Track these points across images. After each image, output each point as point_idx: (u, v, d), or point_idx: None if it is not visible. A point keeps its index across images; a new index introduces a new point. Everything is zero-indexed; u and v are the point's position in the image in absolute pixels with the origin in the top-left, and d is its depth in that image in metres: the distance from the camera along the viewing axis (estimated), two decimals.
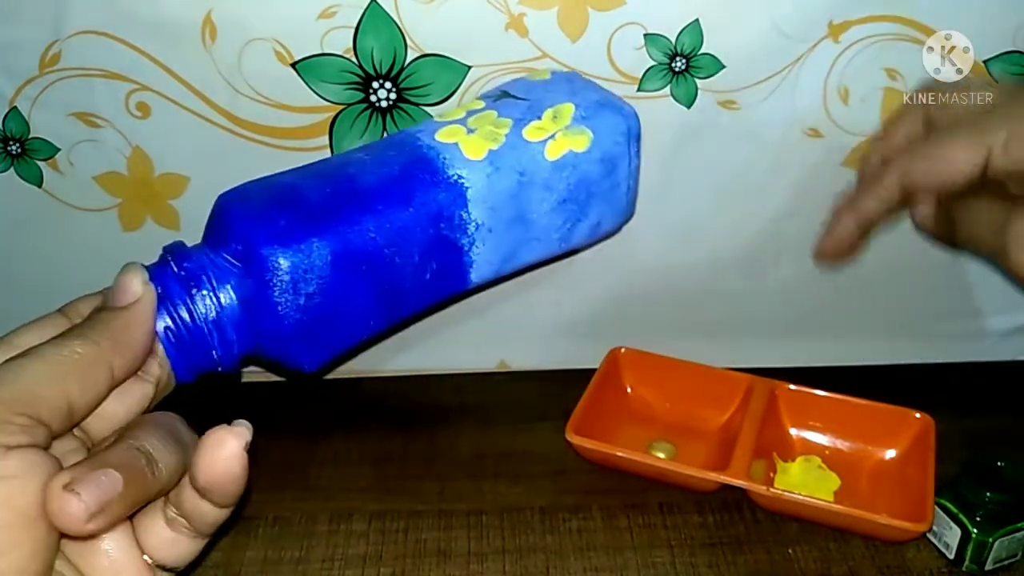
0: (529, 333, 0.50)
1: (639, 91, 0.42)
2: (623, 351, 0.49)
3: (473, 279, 0.38)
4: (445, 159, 0.36)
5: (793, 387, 0.46)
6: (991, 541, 0.38)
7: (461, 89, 0.42)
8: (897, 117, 0.40)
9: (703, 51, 0.41)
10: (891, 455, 0.44)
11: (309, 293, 0.33)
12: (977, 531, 0.38)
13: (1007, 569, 0.39)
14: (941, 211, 0.37)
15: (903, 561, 0.40)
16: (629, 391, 0.49)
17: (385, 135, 0.42)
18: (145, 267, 0.31)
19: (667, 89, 0.42)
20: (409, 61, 0.41)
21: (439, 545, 0.41)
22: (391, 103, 0.42)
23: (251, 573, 0.40)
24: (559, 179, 0.38)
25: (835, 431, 0.45)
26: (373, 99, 0.42)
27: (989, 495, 0.38)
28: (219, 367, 0.33)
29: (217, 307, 0.32)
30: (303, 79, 0.41)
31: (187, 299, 0.31)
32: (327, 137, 0.43)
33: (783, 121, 0.43)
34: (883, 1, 0.40)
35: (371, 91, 0.42)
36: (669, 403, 0.49)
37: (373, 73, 0.41)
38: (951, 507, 0.39)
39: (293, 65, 0.41)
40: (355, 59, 0.41)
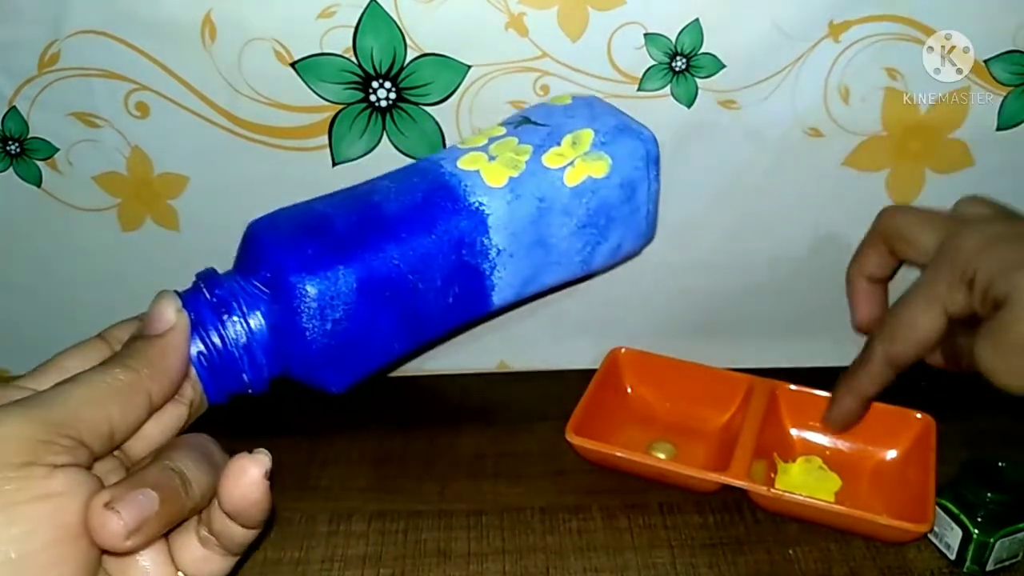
0: (529, 333, 0.50)
1: (639, 91, 0.42)
2: (623, 351, 0.49)
3: (495, 302, 0.39)
4: (467, 187, 0.37)
5: (794, 387, 0.46)
6: (992, 542, 0.38)
7: (461, 88, 0.42)
8: (865, 242, 0.42)
9: (703, 51, 0.41)
10: (892, 456, 0.44)
11: (336, 319, 0.34)
12: (978, 532, 0.38)
13: (1008, 570, 0.39)
14: (946, 350, 0.38)
15: (904, 562, 0.40)
16: (629, 391, 0.49)
17: (409, 162, 0.42)
18: (178, 294, 0.32)
19: (667, 89, 0.42)
20: (409, 61, 0.41)
21: (439, 545, 0.41)
22: (391, 103, 0.42)
23: (251, 573, 0.40)
24: (578, 204, 0.38)
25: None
26: (373, 99, 0.42)
27: (990, 495, 0.38)
28: (249, 389, 0.34)
29: (247, 332, 0.33)
30: (303, 79, 0.41)
31: (219, 325, 0.33)
32: (327, 137, 0.43)
33: (783, 121, 0.43)
34: (883, 1, 0.40)
35: (371, 91, 0.42)
36: (669, 403, 0.48)
37: (373, 73, 0.41)
38: (952, 508, 0.39)
39: (293, 65, 0.41)
40: (355, 59, 0.41)
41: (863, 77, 0.42)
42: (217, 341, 0.32)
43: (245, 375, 0.33)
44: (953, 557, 0.39)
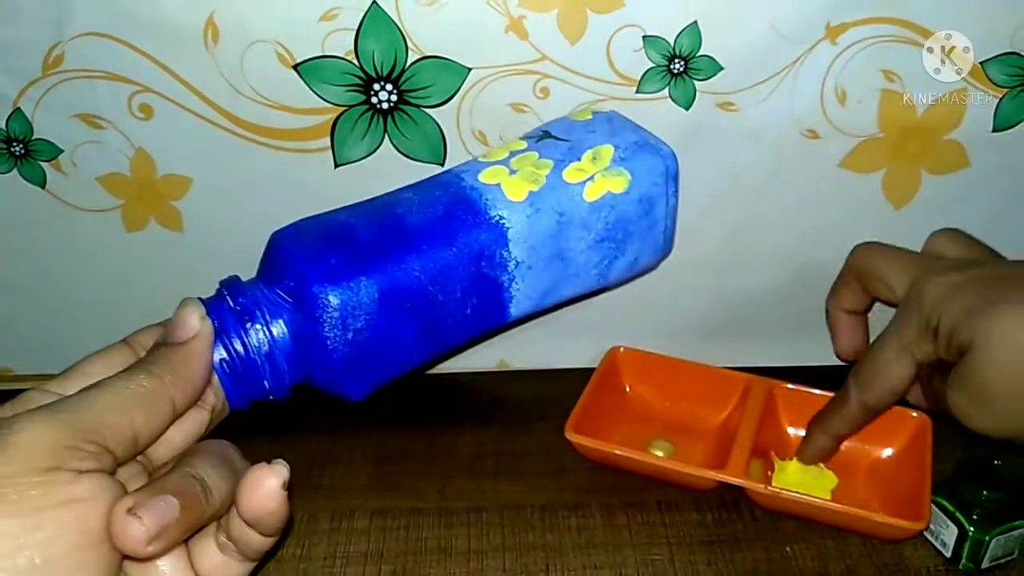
0: (529, 333, 0.50)
1: (638, 93, 0.42)
2: (622, 350, 0.50)
3: (513, 313, 0.39)
4: (487, 200, 0.37)
5: (791, 386, 0.46)
6: (988, 539, 0.38)
7: (461, 91, 0.42)
8: (839, 279, 0.43)
9: (701, 53, 0.41)
10: (888, 454, 0.45)
11: (357, 328, 0.34)
12: (974, 529, 0.38)
13: (1004, 567, 0.39)
14: (926, 390, 0.39)
15: (900, 559, 0.40)
16: (628, 390, 0.50)
17: (431, 175, 0.42)
18: (202, 301, 0.33)
19: (666, 91, 0.42)
20: (410, 63, 0.41)
21: (440, 543, 0.41)
22: (392, 105, 0.42)
23: (254, 570, 0.40)
24: (597, 219, 0.39)
25: None
26: (374, 101, 0.42)
27: (986, 493, 0.38)
28: (271, 396, 0.34)
29: (269, 340, 0.33)
30: (304, 81, 0.41)
31: (241, 333, 0.33)
32: (328, 139, 0.43)
33: (781, 123, 0.43)
34: (881, 2, 0.40)
35: (372, 93, 0.42)
36: (668, 402, 0.49)
37: (374, 75, 0.41)
38: (948, 505, 0.39)
39: (295, 67, 0.41)
40: (356, 61, 0.41)
41: (860, 79, 0.42)
42: (240, 348, 0.33)
43: (267, 382, 0.34)
44: (949, 555, 0.39)
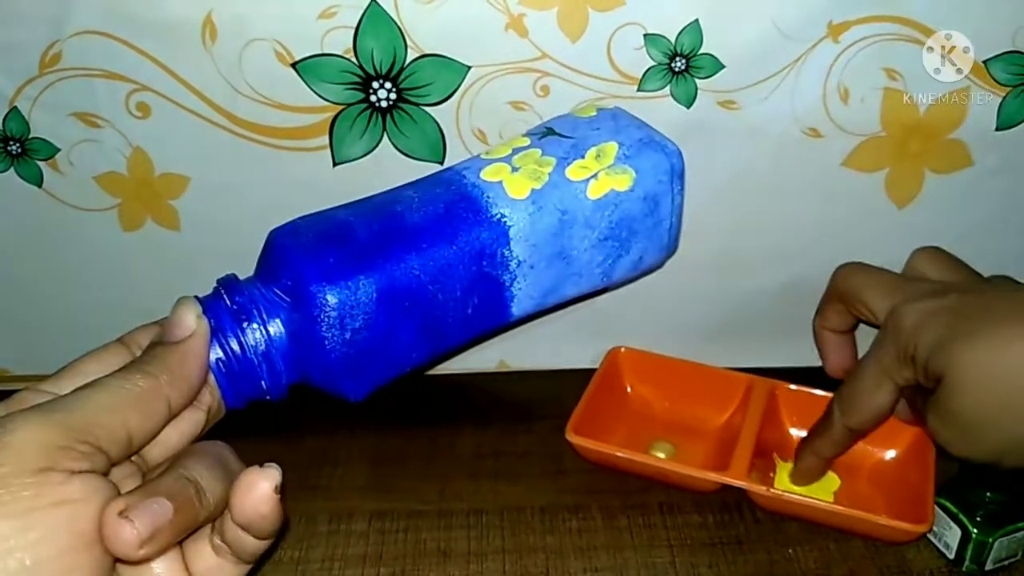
0: (529, 333, 0.50)
1: (639, 91, 0.42)
2: (623, 351, 0.49)
3: (514, 313, 0.39)
4: (489, 198, 0.37)
5: (793, 387, 0.46)
6: (991, 541, 0.38)
7: (461, 89, 0.42)
8: (824, 300, 0.44)
9: (703, 51, 0.41)
10: (891, 455, 0.44)
11: (355, 328, 0.34)
12: (977, 531, 0.38)
13: (1007, 569, 0.39)
14: (913, 409, 0.39)
15: (903, 561, 0.40)
16: (629, 391, 0.49)
17: (432, 171, 0.42)
18: (199, 300, 0.32)
19: (667, 89, 0.42)
20: (409, 61, 0.41)
21: (439, 545, 0.41)
22: (391, 103, 0.42)
23: (250, 572, 0.40)
24: (600, 217, 0.38)
25: None
26: (373, 99, 0.42)
27: (989, 495, 0.38)
28: (267, 396, 0.34)
29: (266, 340, 0.33)
30: (303, 79, 0.41)
31: (238, 332, 0.33)
32: (327, 137, 0.43)
33: (783, 121, 0.43)
34: (883, 1, 0.40)
35: (371, 91, 0.42)
36: (669, 403, 0.49)
37: (373, 73, 0.41)
38: (951, 507, 0.39)
39: (293, 65, 0.41)
40: (355, 59, 0.41)
41: (862, 77, 0.42)
42: (236, 348, 0.32)
43: (264, 382, 0.33)
44: (952, 556, 0.39)
